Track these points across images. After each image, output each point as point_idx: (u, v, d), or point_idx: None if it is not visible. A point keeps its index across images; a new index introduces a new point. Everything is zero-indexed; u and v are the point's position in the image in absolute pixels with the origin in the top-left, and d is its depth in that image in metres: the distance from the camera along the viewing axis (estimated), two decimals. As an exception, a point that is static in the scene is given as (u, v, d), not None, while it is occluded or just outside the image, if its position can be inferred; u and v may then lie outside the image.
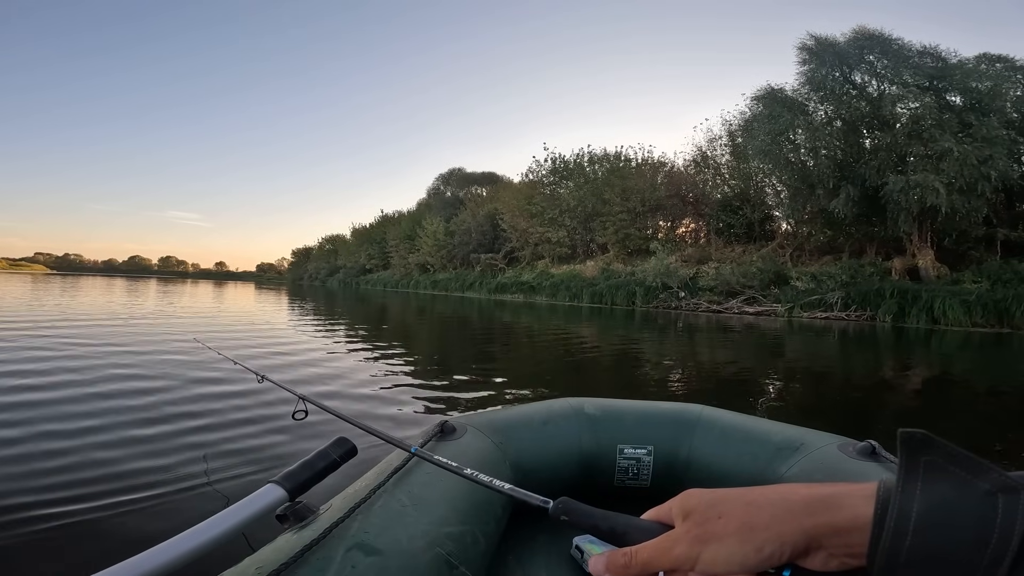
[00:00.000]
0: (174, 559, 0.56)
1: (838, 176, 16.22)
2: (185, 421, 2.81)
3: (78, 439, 2.44)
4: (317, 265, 71.71)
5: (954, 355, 8.15)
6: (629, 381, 5.02)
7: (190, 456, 2.29)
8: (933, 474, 0.28)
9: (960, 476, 0.28)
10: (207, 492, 1.97)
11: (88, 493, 1.91)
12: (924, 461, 0.29)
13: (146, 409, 3.01)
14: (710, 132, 30.30)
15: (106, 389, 3.45)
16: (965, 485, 0.28)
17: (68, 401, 3.12)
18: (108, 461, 2.20)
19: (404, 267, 44.91)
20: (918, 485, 0.29)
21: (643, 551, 0.36)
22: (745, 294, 17.08)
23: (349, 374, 4.58)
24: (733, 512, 0.34)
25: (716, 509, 0.34)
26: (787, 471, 1.03)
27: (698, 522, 0.35)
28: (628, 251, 25.18)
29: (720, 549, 0.33)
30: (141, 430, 2.62)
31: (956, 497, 0.27)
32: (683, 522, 0.36)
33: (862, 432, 2.99)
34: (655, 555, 0.36)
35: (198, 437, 2.56)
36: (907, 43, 16.44)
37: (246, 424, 2.79)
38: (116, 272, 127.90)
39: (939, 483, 0.28)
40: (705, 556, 0.33)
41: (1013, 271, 14.18)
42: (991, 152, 13.80)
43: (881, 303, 13.98)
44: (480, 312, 15.95)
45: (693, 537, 0.34)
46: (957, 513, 0.27)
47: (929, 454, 0.29)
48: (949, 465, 0.28)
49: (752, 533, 0.32)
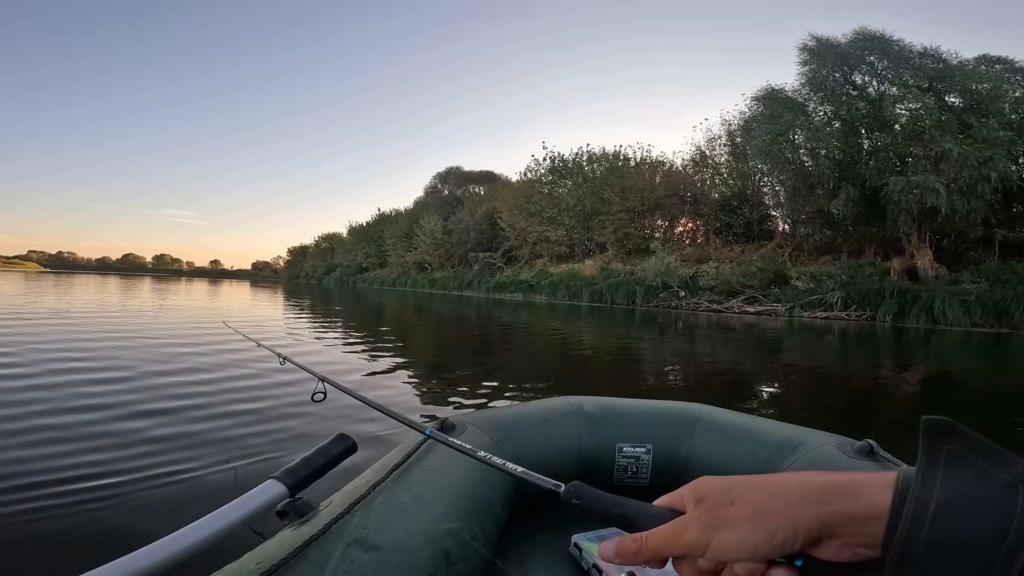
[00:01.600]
0: (174, 554, 0.56)
1: (838, 176, 16.20)
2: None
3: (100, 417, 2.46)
4: (313, 263, 71.23)
5: (954, 355, 8.15)
6: (629, 380, 5.02)
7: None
8: (955, 463, 0.28)
9: (982, 466, 0.27)
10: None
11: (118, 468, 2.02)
12: (946, 450, 0.28)
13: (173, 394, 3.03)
14: (709, 132, 30.29)
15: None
16: (987, 475, 0.27)
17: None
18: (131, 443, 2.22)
19: (401, 266, 44.74)
20: (939, 474, 0.28)
21: (654, 536, 0.36)
22: (745, 294, 17.08)
23: (347, 372, 4.58)
24: (746, 498, 0.33)
25: (729, 495, 0.34)
26: (785, 470, 1.03)
27: (710, 508, 0.34)
28: (627, 250, 25.17)
29: (732, 535, 0.32)
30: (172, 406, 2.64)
31: (977, 487, 0.27)
32: (695, 508, 0.35)
33: (859, 430, 3.01)
34: (666, 540, 0.35)
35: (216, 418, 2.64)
36: (908, 44, 16.43)
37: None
38: (110, 270, 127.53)
39: (960, 473, 0.27)
40: (716, 542, 0.33)
41: (1012, 271, 14.19)
42: (991, 153, 13.80)
43: (881, 303, 13.98)
44: (479, 311, 15.95)
45: (705, 523, 0.34)
46: (977, 503, 0.26)
47: (952, 443, 0.28)
48: (972, 455, 0.28)
49: (765, 520, 0.32)
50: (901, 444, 1.11)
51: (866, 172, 15.83)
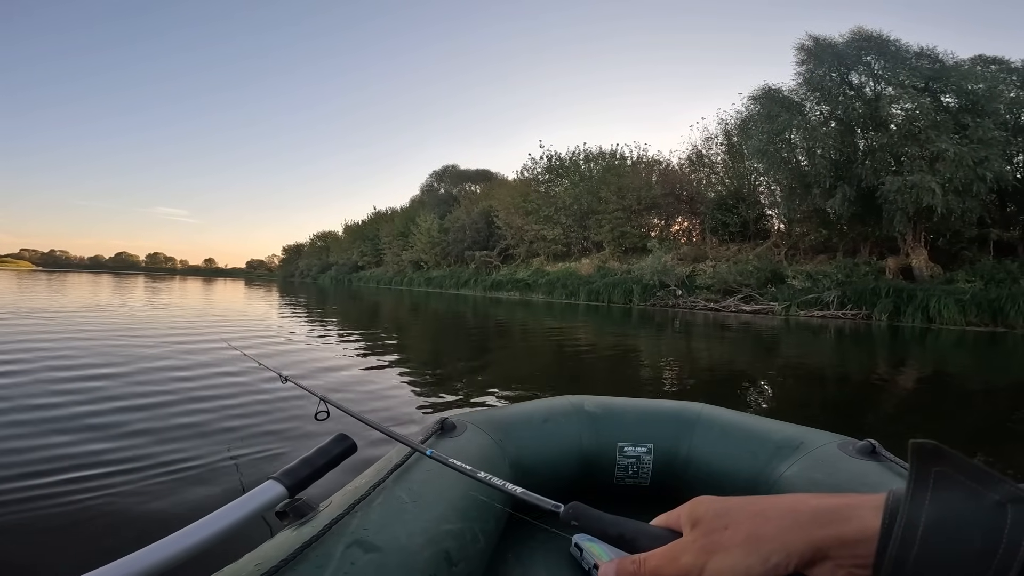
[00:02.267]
0: (173, 555, 0.56)
1: (834, 176, 16.27)
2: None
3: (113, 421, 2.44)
4: (308, 262, 70.72)
5: (950, 354, 8.19)
6: (628, 379, 5.03)
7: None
8: (943, 484, 0.28)
9: (970, 487, 0.28)
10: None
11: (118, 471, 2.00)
12: (935, 472, 0.29)
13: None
14: (706, 131, 30.36)
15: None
16: (975, 495, 0.27)
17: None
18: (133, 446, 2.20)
19: (397, 264, 44.67)
20: (927, 495, 0.28)
21: (651, 559, 0.37)
22: (742, 292, 17.12)
23: (343, 371, 4.57)
24: (740, 522, 0.34)
25: (723, 519, 0.35)
26: (787, 470, 1.03)
27: (705, 532, 0.35)
28: (623, 249, 25.21)
29: (726, 559, 0.33)
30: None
31: (965, 507, 0.27)
32: (691, 531, 0.36)
33: (858, 429, 2.98)
34: (663, 563, 0.36)
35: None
36: (904, 44, 16.48)
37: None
38: (103, 269, 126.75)
39: (949, 493, 0.28)
40: (711, 566, 0.33)
41: (1006, 271, 14.30)
42: (987, 153, 13.87)
43: (877, 302, 14.05)
44: (477, 310, 15.94)
45: (700, 547, 0.34)
46: (965, 523, 0.27)
47: (940, 465, 0.29)
48: (959, 476, 0.28)
49: (758, 544, 0.32)
50: (899, 442, 1.11)
51: (862, 172, 15.88)
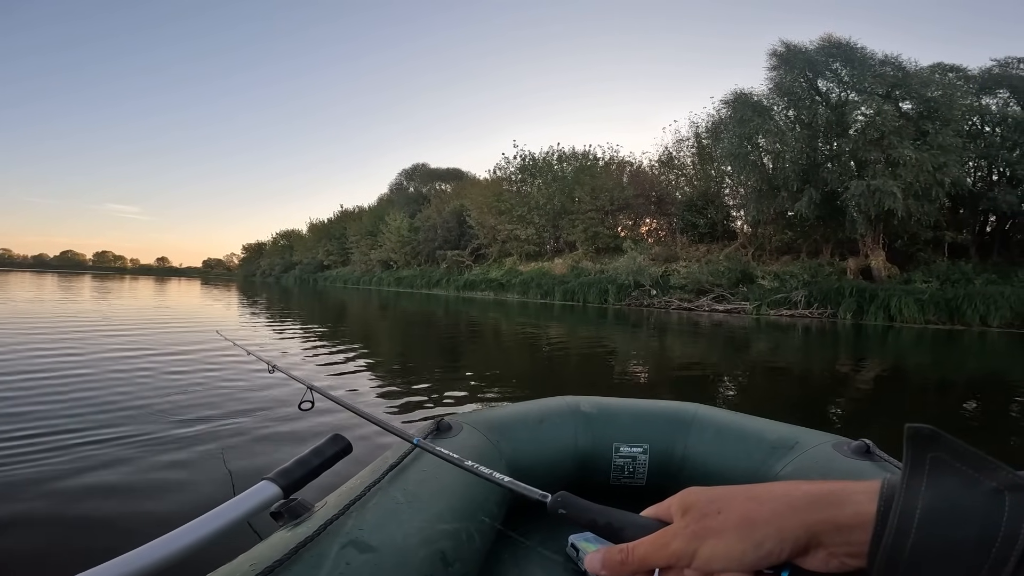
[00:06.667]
0: (168, 555, 0.55)
1: (802, 179, 16.70)
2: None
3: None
4: (271, 261, 68.52)
5: (911, 350, 8.53)
6: (613, 378, 5.07)
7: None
8: (939, 471, 0.28)
9: (967, 473, 0.27)
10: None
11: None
12: (930, 457, 0.28)
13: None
14: (678, 133, 30.78)
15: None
16: (972, 482, 0.27)
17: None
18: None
19: (365, 263, 43.73)
20: (923, 482, 0.28)
21: (640, 547, 0.35)
22: (714, 292, 17.45)
23: (322, 375, 4.50)
24: (733, 507, 0.33)
25: (716, 504, 0.34)
26: (782, 469, 1.04)
27: (696, 517, 0.34)
28: (596, 249, 25.42)
29: (718, 544, 0.32)
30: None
31: (962, 494, 0.27)
32: (682, 518, 0.35)
33: (826, 422, 3.06)
34: (652, 551, 0.35)
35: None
36: (870, 52, 16.95)
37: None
38: (47, 268, 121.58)
39: (945, 480, 0.27)
40: (703, 552, 0.32)
41: (960, 272, 15.00)
42: (945, 159, 14.43)
43: (842, 301, 14.53)
44: (450, 310, 15.86)
45: (691, 532, 0.33)
46: (962, 511, 0.26)
47: (936, 450, 0.28)
48: (956, 462, 0.27)
49: (752, 528, 0.31)
50: (864, 431, 1.14)
51: (828, 175, 16.35)
